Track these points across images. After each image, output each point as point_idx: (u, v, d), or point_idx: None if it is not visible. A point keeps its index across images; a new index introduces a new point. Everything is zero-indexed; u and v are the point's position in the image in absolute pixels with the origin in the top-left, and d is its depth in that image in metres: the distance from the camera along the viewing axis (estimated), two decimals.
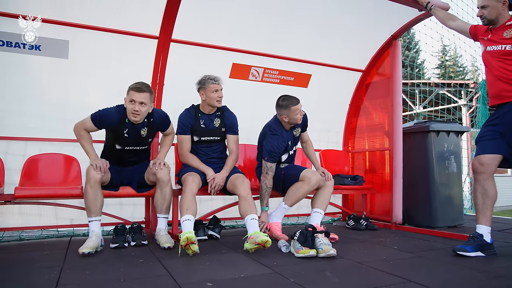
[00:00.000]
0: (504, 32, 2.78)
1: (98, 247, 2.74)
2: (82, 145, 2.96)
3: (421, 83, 12.69)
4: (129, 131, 3.00)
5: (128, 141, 3.03)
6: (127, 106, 2.90)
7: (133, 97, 2.86)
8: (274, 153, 3.33)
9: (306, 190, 3.29)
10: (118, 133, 2.98)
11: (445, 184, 4.20)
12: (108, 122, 2.95)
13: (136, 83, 2.91)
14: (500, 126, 2.80)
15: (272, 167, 3.34)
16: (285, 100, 3.33)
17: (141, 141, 3.09)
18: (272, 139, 3.36)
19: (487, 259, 2.62)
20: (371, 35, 4.34)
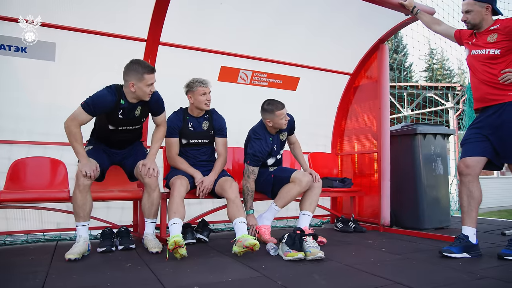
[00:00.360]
0: (488, 36, 2.83)
1: (85, 252, 2.70)
2: (73, 145, 2.79)
3: (408, 86, 12.83)
4: (123, 112, 2.89)
5: (122, 121, 2.93)
6: (145, 90, 2.80)
7: (152, 80, 2.82)
8: (257, 157, 3.33)
9: (298, 191, 3.30)
10: (112, 115, 2.87)
11: (432, 186, 4.25)
12: (103, 107, 2.78)
13: (144, 65, 2.81)
14: (485, 129, 2.85)
15: (254, 170, 3.34)
16: (270, 105, 3.33)
17: (135, 121, 3.00)
18: (255, 143, 3.36)
19: (472, 260, 2.66)
20: (359, 38, 4.38)
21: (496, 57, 2.77)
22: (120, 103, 2.85)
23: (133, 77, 2.77)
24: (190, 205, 3.80)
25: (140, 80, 2.77)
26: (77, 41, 3.35)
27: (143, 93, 2.82)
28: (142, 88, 2.79)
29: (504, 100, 2.74)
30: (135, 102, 2.90)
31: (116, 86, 2.86)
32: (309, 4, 3.82)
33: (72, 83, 3.50)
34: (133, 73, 2.77)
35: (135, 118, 2.99)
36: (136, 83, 2.77)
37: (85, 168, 2.74)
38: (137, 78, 2.77)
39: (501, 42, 2.75)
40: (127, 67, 2.81)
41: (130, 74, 2.78)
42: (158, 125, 3.16)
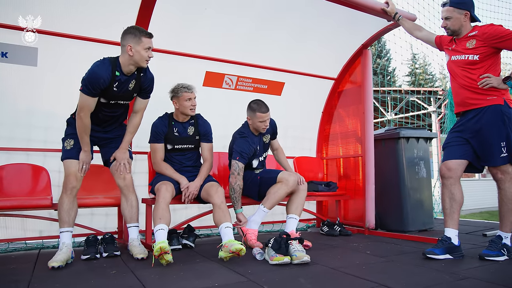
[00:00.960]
0: (467, 42, 2.90)
1: (68, 260, 2.66)
2: (81, 136, 2.80)
3: (392, 91, 13.03)
4: (118, 85, 2.80)
5: (115, 95, 2.83)
6: (143, 54, 2.73)
7: (150, 44, 2.76)
8: (245, 153, 3.35)
9: (285, 191, 3.32)
10: (108, 88, 2.77)
11: (415, 189, 4.32)
12: (101, 83, 2.69)
13: (142, 29, 2.76)
14: (465, 132, 2.91)
15: (242, 167, 3.34)
16: (256, 104, 3.39)
17: (127, 95, 2.90)
18: (241, 141, 3.40)
19: (455, 261, 2.71)
20: (343, 44, 4.44)
21: (475, 62, 2.84)
22: (116, 75, 2.76)
23: (130, 40, 2.71)
24: (175, 211, 3.79)
25: (138, 43, 2.71)
26: (60, 47, 3.32)
27: (140, 57, 2.74)
28: (140, 51, 2.72)
29: (483, 104, 2.82)
30: (130, 74, 2.83)
31: (109, 58, 2.78)
32: (291, 9, 3.86)
33: (54, 88, 3.46)
34: (130, 36, 2.72)
35: (128, 92, 2.89)
36: (134, 46, 2.71)
37: (82, 162, 2.82)
38: (134, 41, 2.71)
39: (479, 48, 2.82)
40: (124, 32, 2.76)
41: (127, 38, 2.73)
42: (136, 112, 3.04)
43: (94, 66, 2.71)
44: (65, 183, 2.81)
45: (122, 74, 2.79)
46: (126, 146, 3.04)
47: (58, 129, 3.05)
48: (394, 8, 3.60)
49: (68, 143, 2.90)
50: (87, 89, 2.67)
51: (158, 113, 3.39)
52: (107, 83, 2.72)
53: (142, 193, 3.51)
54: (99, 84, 2.68)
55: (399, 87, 19.52)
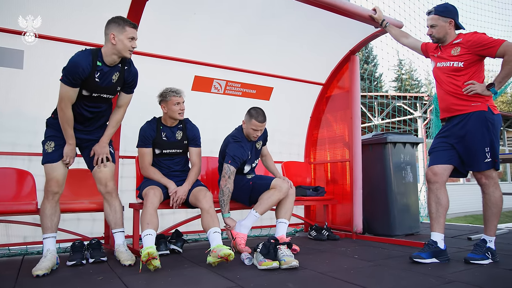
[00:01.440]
0: (451, 49, 2.96)
1: (53, 266, 2.61)
2: (64, 128, 2.72)
3: (379, 96, 13.19)
4: (100, 76, 2.73)
5: (98, 87, 2.75)
6: (126, 43, 2.69)
7: (134, 34, 2.72)
8: (238, 157, 3.35)
9: (278, 198, 3.33)
10: (89, 78, 2.69)
11: (402, 194, 4.37)
12: (81, 73, 2.62)
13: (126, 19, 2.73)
14: (451, 138, 2.96)
15: (234, 172, 3.34)
16: (255, 111, 3.41)
17: (110, 88, 2.82)
18: (235, 145, 3.40)
19: (441, 265, 2.74)
20: (331, 50, 4.48)
21: (460, 69, 2.90)
22: (97, 65, 2.70)
23: (114, 29, 2.67)
24: (163, 216, 3.76)
25: (121, 32, 2.67)
26: (47, 49, 3.28)
27: (123, 47, 2.69)
28: (123, 40, 2.68)
29: (468, 110, 2.87)
30: (113, 65, 2.77)
31: (91, 49, 2.73)
32: (280, 15, 3.88)
33: (40, 91, 3.41)
34: (114, 25, 2.69)
35: (112, 84, 2.82)
36: (117, 35, 2.67)
37: (69, 154, 2.76)
38: (118, 29, 2.67)
39: (464, 55, 2.88)
40: (108, 21, 2.72)
41: (111, 26, 2.69)
42: (119, 106, 2.99)
43: (75, 55, 2.65)
44: (47, 188, 2.74)
45: (104, 64, 2.73)
46: (107, 140, 2.97)
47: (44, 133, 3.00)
48: (381, 15, 3.66)
49: (48, 145, 2.79)
50: (67, 78, 2.62)
51: (146, 117, 3.37)
52: (87, 72, 2.65)
53: (129, 198, 3.49)
54: (78, 74, 2.61)
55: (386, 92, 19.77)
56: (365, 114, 13.74)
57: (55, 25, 3.21)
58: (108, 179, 2.96)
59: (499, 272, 2.54)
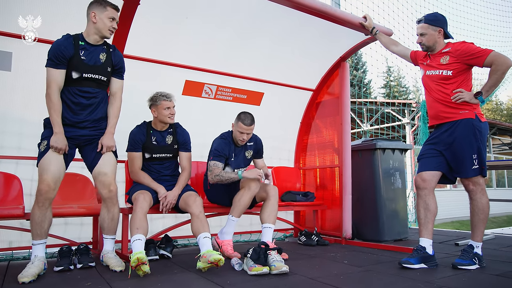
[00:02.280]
0: (441, 58, 3.01)
1: (40, 272, 2.55)
2: (51, 114, 2.64)
3: (368, 102, 13.31)
4: (86, 54, 2.71)
5: (86, 66, 2.70)
6: (106, 22, 2.71)
7: (115, 15, 2.75)
8: (218, 151, 3.37)
9: (249, 197, 3.30)
10: (74, 58, 2.66)
11: (391, 199, 4.40)
12: (63, 51, 2.61)
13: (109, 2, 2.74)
14: (439, 145, 3.01)
15: (216, 163, 3.34)
16: (244, 114, 3.42)
17: (100, 68, 2.77)
18: (217, 141, 3.46)
19: (429, 270, 2.77)
20: (322, 56, 4.51)
21: (449, 77, 2.95)
22: (80, 44, 2.70)
23: (95, 8, 2.71)
24: (152, 220, 3.74)
25: (102, 11, 2.71)
26: (36, 52, 3.23)
27: (103, 25, 2.72)
28: (103, 19, 2.71)
29: (456, 118, 2.92)
30: (95, 43, 2.76)
31: (72, 34, 2.74)
32: (271, 21, 3.90)
33: (29, 94, 3.36)
34: (95, 4, 2.72)
35: (101, 64, 2.77)
36: (98, 14, 2.70)
37: (58, 144, 2.61)
38: (99, 9, 2.70)
39: (452, 64, 2.93)
40: (91, 2, 2.74)
41: (93, 6, 2.72)
42: (114, 94, 2.91)
43: (57, 41, 2.68)
44: (38, 194, 2.62)
45: (87, 43, 2.74)
46: (113, 131, 2.89)
47: (32, 136, 2.95)
48: (371, 23, 3.71)
49: (42, 145, 2.70)
50: (51, 60, 2.62)
51: (137, 121, 3.35)
52: (70, 50, 2.65)
53: (119, 202, 3.45)
54: (61, 52, 2.61)
55: (375, 98, 19.96)
56: (355, 120, 13.87)
57: (44, 28, 3.17)
58: (112, 183, 2.84)
59: (485, 277, 2.58)
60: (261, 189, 3.41)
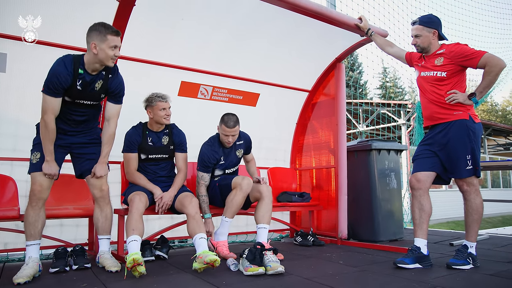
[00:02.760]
0: (435, 60, 3.03)
1: (35, 274, 2.55)
2: (45, 142, 2.63)
3: (363, 103, 13.35)
4: (82, 83, 2.65)
5: (80, 94, 2.68)
6: (108, 53, 2.59)
7: (116, 42, 2.62)
8: (205, 162, 3.40)
9: (242, 196, 3.27)
10: (71, 87, 2.63)
11: (386, 200, 4.42)
12: (63, 82, 2.56)
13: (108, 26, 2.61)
14: (434, 146, 3.03)
15: (203, 176, 3.40)
16: (227, 116, 3.39)
17: (94, 95, 2.75)
18: (203, 149, 3.46)
19: (424, 270, 2.79)
20: (317, 57, 4.53)
21: (443, 79, 2.97)
22: (79, 73, 2.62)
23: (95, 37, 2.58)
24: (148, 221, 3.73)
25: (102, 41, 2.57)
26: (32, 53, 3.23)
27: (105, 56, 2.60)
28: (105, 50, 2.58)
29: (450, 119, 2.94)
30: (95, 73, 2.70)
31: (73, 56, 2.64)
32: (267, 22, 3.91)
33: (23, 96, 3.36)
34: (95, 33, 2.58)
35: (95, 92, 2.74)
36: (98, 44, 2.57)
37: (50, 171, 2.65)
38: (99, 38, 2.57)
39: (447, 65, 2.95)
40: (90, 28, 2.62)
41: (92, 35, 2.59)
42: (108, 119, 2.87)
43: (55, 63, 2.59)
44: (31, 194, 2.68)
45: (86, 72, 2.66)
46: (106, 160, 2.90)
47: (27, 137, 2.93)
48: (367, 24, 3.73)
49: (34, 156, 2.71)
50: (49, 89, 2.55)
51: (132, 122, 3.35)
52: (69, 81, 2.58)
53: (114, 203, 3.44)
54: (60, 83, 2.55)
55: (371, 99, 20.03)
56: (350, 121, 13.90)
57: (39, 29, 3.16)
58: (103, 183, 2.92)
59: (479, 277, 2.60)
60: (254, 189, 3.40)
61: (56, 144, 2.74)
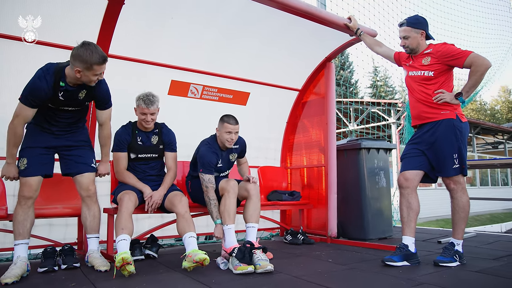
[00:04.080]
0: (422, 59, 3.07)
1: (24, 273, 2.53)
2: (9, 147, 2.63)
3: (354, 102, 13.43)
4: (65, 94, 2.65)
5: (63, 102, 2.69)
6: (91, 78, 2.57)
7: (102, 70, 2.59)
8: (207, 163, 3.31)
9: (233, 199, 3.23)
10: (52, 98, 2.63)
11: (375, 198, 4.46)
12: (42, 95, 2.55)
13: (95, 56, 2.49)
14: (421, 145, 3.07)
15: (210, 179, 3.29)
16: (226, 116, 3.39)
17: (78, 102, 2.76)
18: (205, 150, 3.37)
19: (411, 268, 2.82)
20: (307, 56, 4.55)
21: (430, 78, 3.01)
22: (60, 86, 2.59)
23: (80, 65, 2.50)
24: (138, 220, 3.73)
25: (88, 69, 2.52)
26: (19, 52, 3.19)
27: (88, 80, 2.59)
28: (89, 76, 2.56)
29: (437, 118, 2.98)
30: (76, 86, 2.67)
31: (55, 67, 2.58)
32: (257, 21, 3.91)
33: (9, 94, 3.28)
34: (80, 61, 2.49)
35: (79, 100, 2.74)
36: (83, 71, 2.53)
37: (8, 173, 2.69)
38: (85, 67, 2.51)
39: (434, 65, 2.99)
40: (77, 51, 2.50)
41: (77, 62, 2.50)
42: (102, 124, 2.95)
43: (36, 76, 2.55)
44: (20, 193, 2.69)
45: (68, 85, 2.64)
46: (107, 159, 3.04)
47: None
48: (356, 24, 3.75)
49: (21, 162, 2.71)
50: (26, 99, 2.54)
51: (121, 121, 3.33)
52: (50, 95, 2.58)
53: (104, 202, 3.43)
54: (40, 97, 2.55)
55: (361, 98, 20.14)
56: (341, 120, 13.97)
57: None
58: (90, 183, 2.94)
59: (466, 274, 2.64)
60: (242, 188, 3.40)
61: (44, 147, 2.79)
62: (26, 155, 2.73)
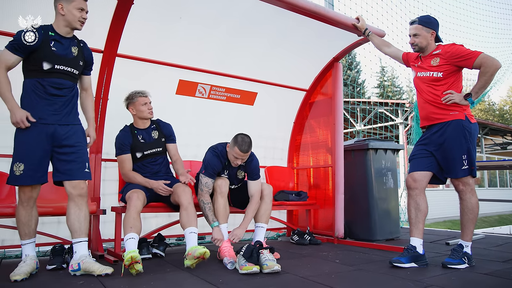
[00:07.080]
0: (431, 60, 3.05)
1: (33, 271, 2.55)
2: (3, 95, 2.49)
3: (361, 102, 13.37)
4: (56, 45, 2.58)
5: (58, 58, 2.58)
6: (75, 13, 2.57)
7: (83, 5, 2.60)
8: (210, 168, 3.28)
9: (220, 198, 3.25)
10: (44, 47, 2.53)
11: (383, 199, 4.44)
12: (28, 37, 2.47)
13: None
14: (430, 146, 3.05)
15: (207, 183, 3.25)
16: (241, 139, 3.22)
17: (72, 61, 2.65)
18: (211, 155, 3.33)
19: (419, 270, 2.81)
20: (315, 57, 4.54)
21: (439, 79, 2.98)
22: (50, 35, 2.57)
23: None
24: (145, 219, 3.75)
25: (69, 2, 2.56)
26: None
27: (73, 17, 2.58)
28: (72, 11, 2.57)
29: (446, 119, 2.96)
30: (66, 36, 2.64)
31: (41, 25, 2.58)
32: (265, 22, 3.91)
33: None
34: None
35: (73, 57, 2.66)
36: (65, 5, 2.56)
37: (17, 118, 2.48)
38: (66, 0, 2.57)
39: (443, 66, 2.97)
40: None
41: None
42: (86, 89, 2.88)
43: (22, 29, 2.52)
44: (21, 193, 2.57)
45: (57, 34, 2.61)
46: (94, 123, 2.92)
47: None
48: (364, 24, 3.74)
49: (17, 167, 2.52)
50: (11, 45, 2.48)
51: (130, 119, 3.36)
52: (39, 39, 2.51)
53: (112, 201, 3.46)
54: (25, 38, 2.46)
55: (368, 98, 20.05)
56: (348, 120, 13.92)
57: None
58: (82, 181, 2.67)
59: (474, 277, 2.62)
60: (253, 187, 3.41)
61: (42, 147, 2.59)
62: (24, 160, 2.53)
